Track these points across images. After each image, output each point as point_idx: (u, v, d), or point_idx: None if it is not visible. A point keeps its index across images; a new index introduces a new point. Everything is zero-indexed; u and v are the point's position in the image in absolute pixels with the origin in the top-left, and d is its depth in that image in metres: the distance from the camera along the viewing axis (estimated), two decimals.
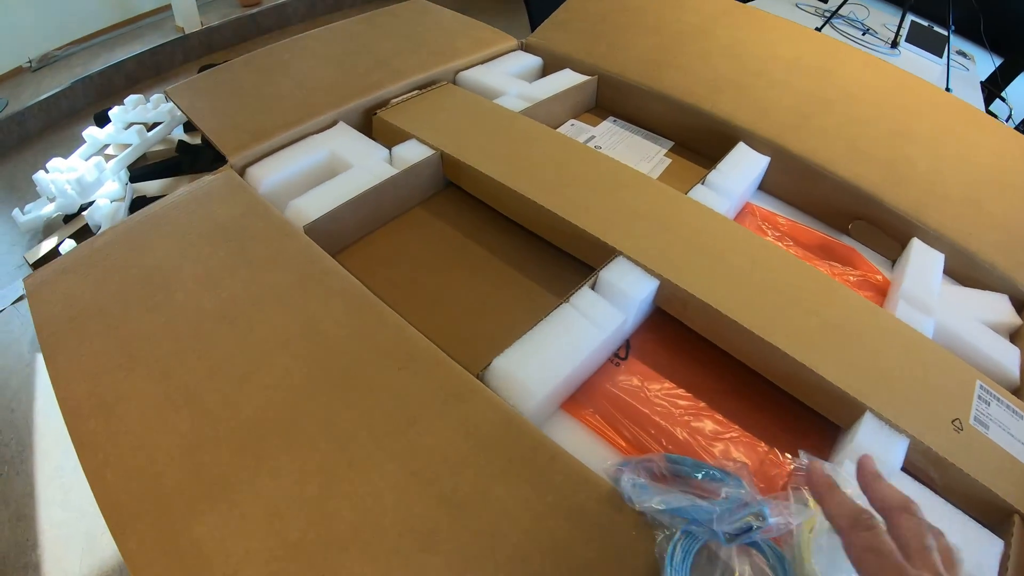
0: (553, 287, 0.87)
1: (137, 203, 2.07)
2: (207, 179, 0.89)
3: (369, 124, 1.07)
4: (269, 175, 0.92)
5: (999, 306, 0.98)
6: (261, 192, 0.90)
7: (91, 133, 2.34)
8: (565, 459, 0.60)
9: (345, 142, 0.99)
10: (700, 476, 0.59)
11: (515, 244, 0.93)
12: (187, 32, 3.92)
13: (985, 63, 3.51)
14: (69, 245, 1.98)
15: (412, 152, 0.96)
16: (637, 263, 0.81)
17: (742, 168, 1.07)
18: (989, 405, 0.76)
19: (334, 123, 1.03)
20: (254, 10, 4.28)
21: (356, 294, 0.72)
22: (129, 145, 2.32)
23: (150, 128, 2.43)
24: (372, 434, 0.60)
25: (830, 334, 0.77)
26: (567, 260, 0.90)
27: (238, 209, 0.83)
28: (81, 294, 0.73)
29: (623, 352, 0.81)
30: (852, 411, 0.73)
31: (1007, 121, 3.50)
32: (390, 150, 0.98)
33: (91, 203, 2.05)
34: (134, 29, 4.03)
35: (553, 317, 0.74)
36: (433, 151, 0.97)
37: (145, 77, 3.76)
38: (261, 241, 0.78)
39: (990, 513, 0.70)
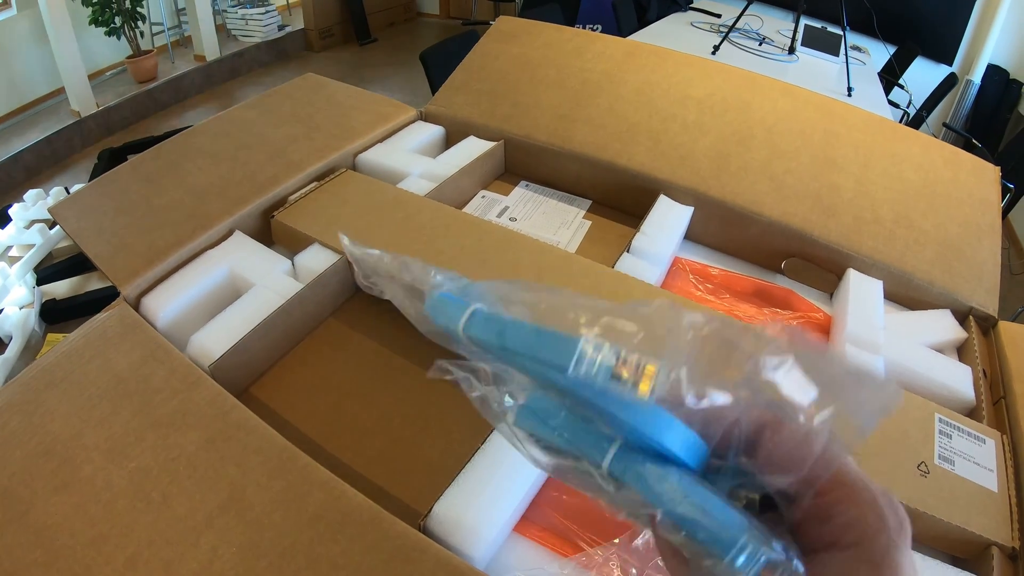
0: None
1: (47, 306, 1.96)
2: (101, 318, 0.81)
3: (268, 227, 1.00)
4: (166, 305, 0.85)
5: (943, 323, 0.98)
6: (159, 327, 0.83)
7: None
8: None
9: (243, 256, 0.92)
10: None
11: (441, 352, 0.86)
12: (83, 115, 3.82)
13: (879, 53, 3.60)
14: None
15: (316, 260, 0.90)
16: None
17: (666, 225, 1.04)
18: (951, 438, 0.76)
19: (230, 232, 0.96)
20: (150, 85, 4.20)
21: (276, 449, 0.65)
22: (33, 245, 2.21)
23: (52, 225, 2.32)
24: None
25: None
26: None
27: (136, 355, 0.75)
28: None
29: None
30: None
31: (907, 106, 3.59)
32: (292, 260, 0.92)
33: None
34: (29, 116, 3.91)
35: (490, 444, 0.68)
36: (338, 256, 0.90)
37: (44, 167, 3.64)
38: (165, 394, 0.71)
39: (968, 549, 0.70)
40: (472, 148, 1.20)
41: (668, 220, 1.05)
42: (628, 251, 0.98)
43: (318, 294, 0.88)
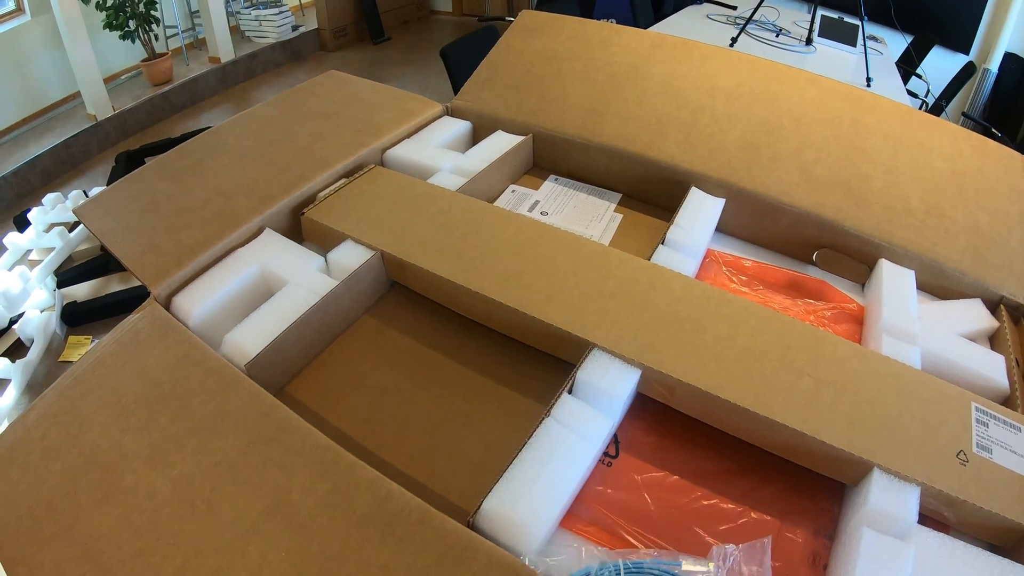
0: (530, 391, 0.81)
1: (68, 309, 1.97)
2: (132, 319, 0.80)
3: (298, 225, 0.99)
4: (198, 305, 0.84)
5: (975, 313, 0.98)
6: (192, 326, 0.83)
7: (12, 240, 2.23)
8: None
9: (275, 253, 0.92)
10: None
11: (478, 346, 0.87)
12: (99, 119, 3.84)
13: (896, 43, 3.57)
14: (3, 364, 1.87)
15: (349, 256, 0.90)
16: (614, 354, 0.76)
17: (700, 217, 1.03)
18: (988, 427, 0.76)
19: (260, 230, 0.96)
20: (166, 88, 4.22)
21: (319, 450, 0.64)
22: (52, 249, 2.22)
23: (71, 228, 2.33)
24: None
25: (824, 393, 0.75)
26: (538, 356, 0.84)
27: (171, 356, 0.75)
28: (26, 488, 0.65)
29: (613, 450, 0.76)
30: (860, 469, 0.71)
31: (926, 96, 3.56)
32: (325, 256, 0.91)
33: (20, 315, 1.94)
34: (45, 121, 3.94)
35: (537, 438, 0.68)
36: (372, 252, 0.90)
37: (61, 172, 3.66)
38: (202, 396, 0.70)
39: (1005, 537, 0.69)
40: (501, 142, 1.19)
41: (701, 212, 1.05)
42: (663, 244, 0.97)
43: (352, 290, 0.88)
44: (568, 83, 1.28)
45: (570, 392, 0.74)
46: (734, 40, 2.93)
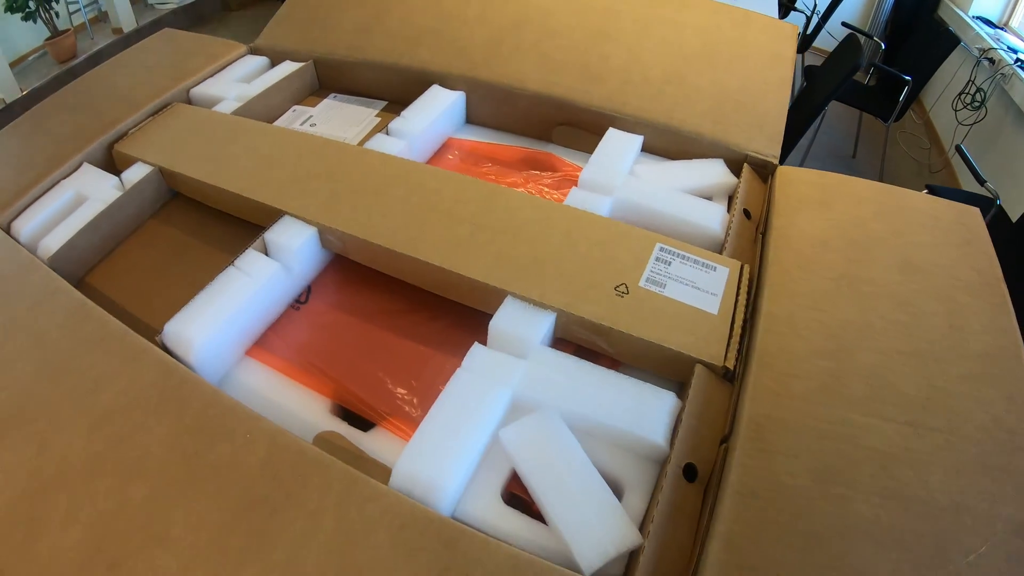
0: None
1: None
2: None
3: (112, 159, 1.20)
4: (27, 224, 1.05)
5: (711, 171, 1.06)
6: (23, 241, 1.03)
7: None
8: (238, 411, 0.70)
9: (87, 180, 1.12)
10: None
11: (229, 233, 1.06)
12: (8, 101, 3.83)
13: None
14: None
15: (136, 174, 1.10)
16: (298, 217, 0.95)
17: (427, 109, 1.21)
18: (670, 265, 0.82)
19: (80, 165, 1.16)
20: (71, 63, 4.25)
21: (73, 303, 0.84)
22: None
23: None
24: (68, 400, 0.72)
25: (480, 236, 0.87)
26: None
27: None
28: None
29: (304, 297, 0.96)
30: (498, 299, 0.80)
31: (812, 14, 3.67)
32: (120, 177, 1.12)
33: None
34: None
35: (218, 280, 0.87)
36: (152, 168, 1.11)
37: None
38: (13, 282, 0.90)
39: (675, 368, 0.75)
40: (283, 70, 1.39)
41: (432, 104, 1.22)
42: (385, 133, 1.17)
43: (135, 199, 1.09)
44: (346, 10, 1.47)
45: (263, 251, 0.94)
46: None
